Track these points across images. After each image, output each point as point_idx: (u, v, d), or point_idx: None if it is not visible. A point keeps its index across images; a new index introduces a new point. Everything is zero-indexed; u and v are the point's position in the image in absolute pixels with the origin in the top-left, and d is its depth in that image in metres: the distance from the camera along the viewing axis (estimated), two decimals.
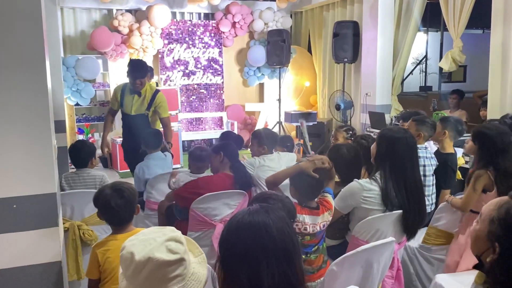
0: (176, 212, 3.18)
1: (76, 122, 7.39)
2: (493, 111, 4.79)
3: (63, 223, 2.63)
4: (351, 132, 3.89)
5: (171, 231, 1.30)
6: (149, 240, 1.26)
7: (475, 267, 1.47)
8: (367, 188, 2.47)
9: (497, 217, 1.38)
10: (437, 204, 3.15)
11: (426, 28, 10.75)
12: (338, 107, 6.82)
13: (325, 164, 2.41)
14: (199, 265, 1.35)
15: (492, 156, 2.62)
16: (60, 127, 5.13)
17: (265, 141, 3.48)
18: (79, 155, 3.29)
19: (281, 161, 3.44)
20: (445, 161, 3.23)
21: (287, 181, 2.53)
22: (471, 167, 2.92)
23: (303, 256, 2.21)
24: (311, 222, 2.27)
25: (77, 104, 7.28)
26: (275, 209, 1.25)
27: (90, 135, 7.24)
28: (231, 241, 1.20)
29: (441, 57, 7.96)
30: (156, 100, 4.31)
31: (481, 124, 2.88)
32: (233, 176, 3.10)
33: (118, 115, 4.68)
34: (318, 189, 2.38)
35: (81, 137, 7.26)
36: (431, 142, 3.75)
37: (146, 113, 4.31)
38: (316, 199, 2.37)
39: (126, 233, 2.11)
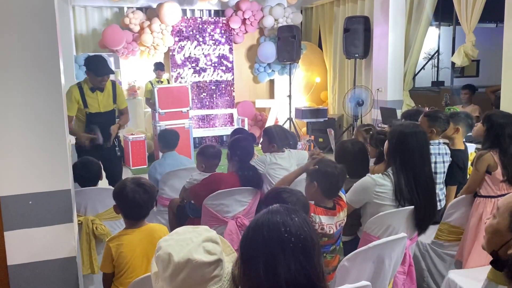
0: (189, 210, 3.19)
1: None
2: (507, 106, 4.73)
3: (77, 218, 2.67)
4: (371, 132, 3.62)
5: (206, 231, 1.32)
6: (185, 241, 1.26)
7: (492, 263, 1.45)
8: (379, 183, 2.46)
9: None
10: (446, 201, 3.15)
11: (438, 23, 10.63)
12: (361, 103, 6.75)
13: (321, 156, 2.42)
14: (231, 264, 1.36)
15: (499, 139, 2.65)
16: None
17: (275, 139, 3.45)
18: (86, 174, 3.03)
19: (291, 160, 3.43)
20: (451, 157, 3.21)
21: (301, 178, 2.53)
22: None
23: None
24: (328, 223, 2.25)
25: None
26: (296, 210, 1.27)
27: None
28: (250, 236, 1.22)
29: (453, 52, 7.87)
30: (117, 91, 4.08)
31: (494, 110, 2.89)
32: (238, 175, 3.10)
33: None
34: (340, 186, 2.35)
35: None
36: None
37: (114, 107, 4.07)
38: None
39: (140, 228, 2.13)
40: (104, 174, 3.18)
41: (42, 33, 2.03)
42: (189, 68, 8.10)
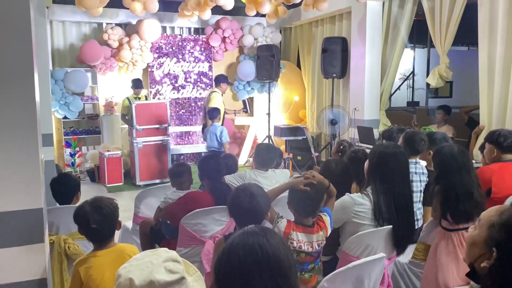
0: (165, 231, 3.12)
1: (64, 135, 7.31)
2: (485, 124, 4.85)
3: (49, 237, 2.58)
4: (341, 146, 3.92)
5: (165, 252, 1.27)
6: (145, 264, 1.22)
7: (468, 275, 1.46)
8: (358, 202, 2.47)
9: (498, 222, 1.36)
10: (423, 220, 3.17)
11: (413, 45, 10.94)
12: (334, 122, 6.85)
13: (315, 178, 2.37)
14: (196, 283, 1.33)
15: (443, 178, 2.60)
16: (47, 140, 5.07)
17: (255, 157, 3.53)
18: (63, 190, 2.98)
19: (273, 180, 3.43)
20: (428, 178, 3.24)
21: (283, 196, 2.51)
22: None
23: (298, 273, 2.18)
24: (306, 240, 2.24)
25: (65, 117, 7.21)
26: (272, 230, 1.25)
27: (77, 149, 7.16)
28: (225, 258, 1.19)
29: (428, 73, 8.08)
30: None
31: (442, 145, 2.86)
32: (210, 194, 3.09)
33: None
34: (313, 206, 2.31)
35: (68, 150, 7.18)
36: None
37: None
38: (312, 218, 2.33)
39: (107, 249, 2.08)
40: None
41: (16, 47, 1.98)
42: (168, 85, 8.06)
